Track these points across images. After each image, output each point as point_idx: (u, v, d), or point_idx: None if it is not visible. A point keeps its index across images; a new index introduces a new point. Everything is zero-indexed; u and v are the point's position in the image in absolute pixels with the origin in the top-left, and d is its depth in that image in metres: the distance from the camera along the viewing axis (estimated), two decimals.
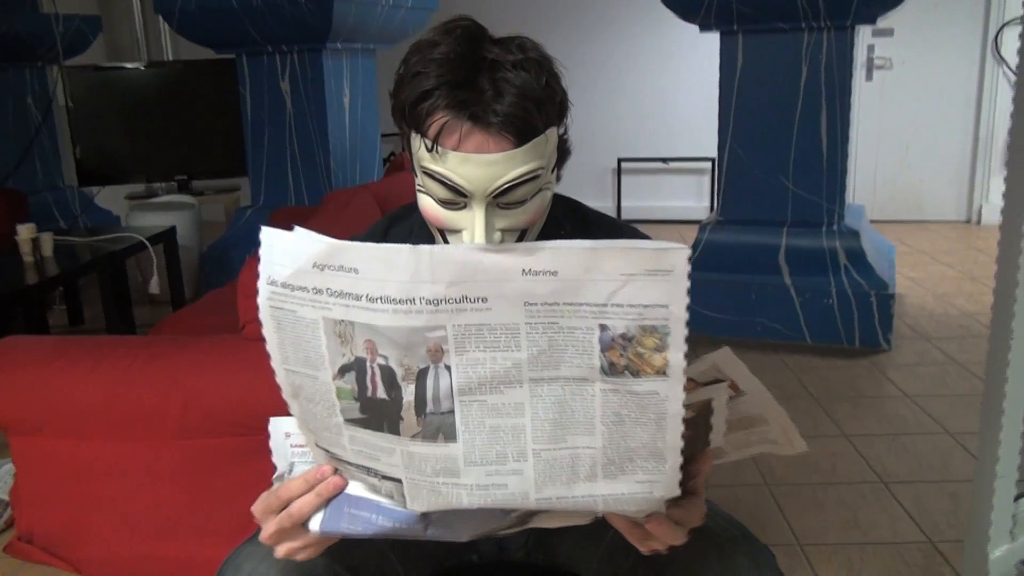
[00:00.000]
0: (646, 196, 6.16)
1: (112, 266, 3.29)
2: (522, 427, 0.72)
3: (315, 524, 0.82)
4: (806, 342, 3.44)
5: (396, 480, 0.77)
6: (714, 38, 3.62)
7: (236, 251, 4.01)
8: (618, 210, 6.10)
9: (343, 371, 0.74)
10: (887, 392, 2.96)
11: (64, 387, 1.86)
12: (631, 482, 0.73)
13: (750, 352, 3.40)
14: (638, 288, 0.67)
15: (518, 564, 1.19)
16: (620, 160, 6.08)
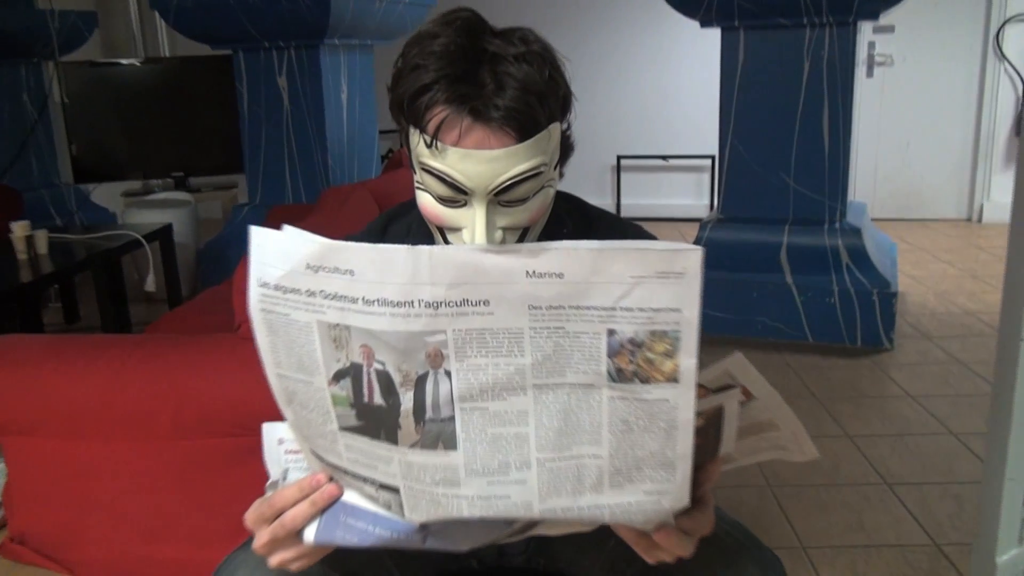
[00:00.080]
0: (645, 194, 6.13)
1: (108, 264, 3.27)
2: (525, 435, 0.70)
3: (310, 533, 0.80)
4: (807, 341, 3.41)
5: (394, 490, 0.74)
6: (714, 34, 3.60)
7: (233, 249, 3.99)
8: (617, 208, 6.07)
9: (338, 377, 0.71)
10: (890, 392, 2.93)
11: (57, 387, 1.84)
12: (639, 492, 0.70)
13: (751, 351, 3.37)
14: (648, 291, 0.64)
15: (519, 570, 1.17)
16: (619, 157, 6.05)
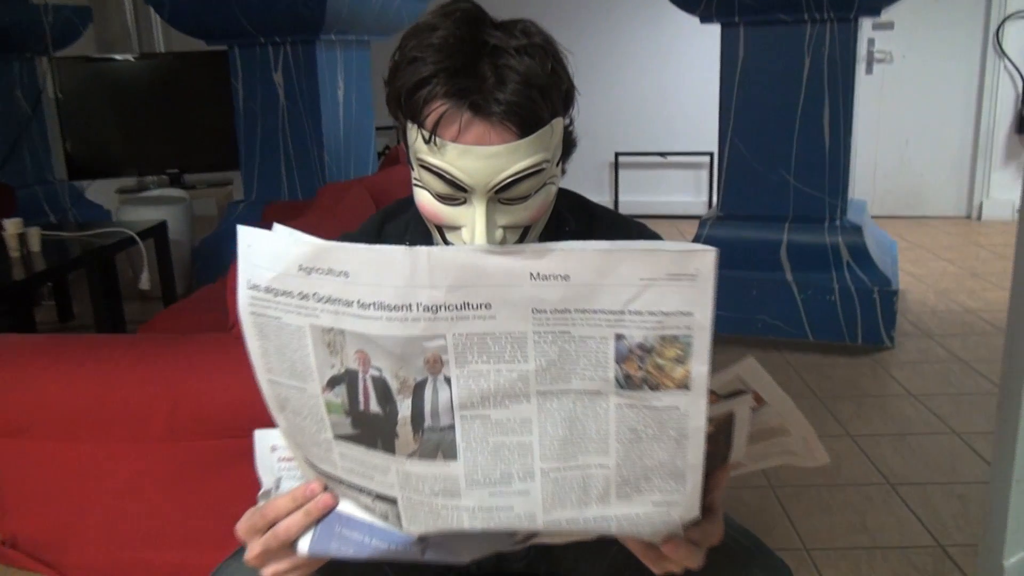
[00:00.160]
0: (643, 191, 6.10)
1: (102, 261, 3.24)
2: (529, 444, 0.67)
3: (304, 545, 0.77)
4: (808, 339, 3.39)
5: (391, 500, 0.71)
6: (713, 30, 3.57)
7: (228, 246, 3.95)
8: (615, 205, 6.04)
9: (333, 383, 0.68)
10: (891, 391, 2.91)
11: (48, 388, 1.82)
12: (647, 503, 0.67)
13: (751, 350, 3.35)
14: (659, 294, 0.61)
15: (519, 575, 1.14)
16: (617, 154, 6.02)
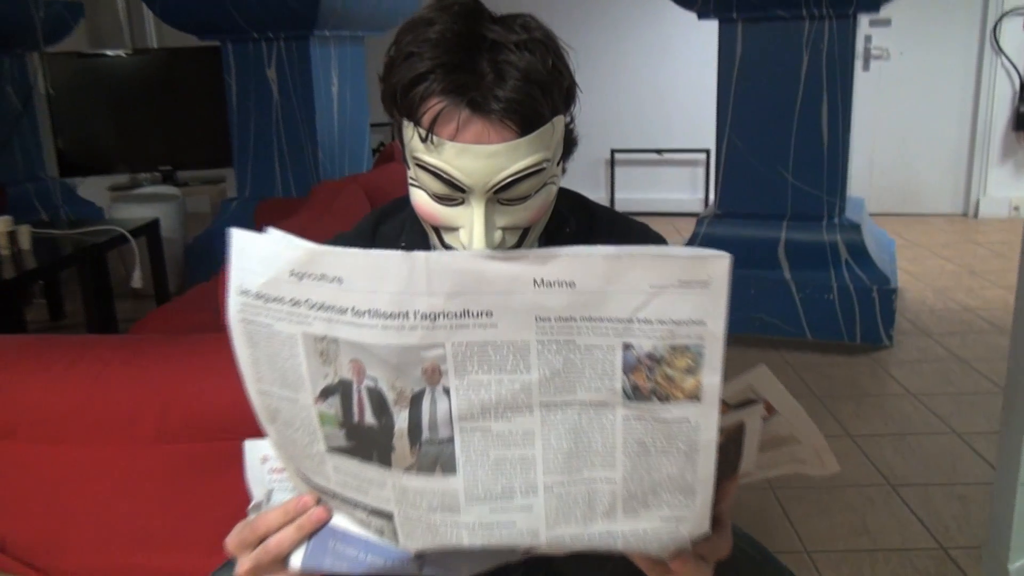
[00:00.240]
0: (640, 188, 6.07)
1: (93, 259, 3.20)
2: (532, 458, 0.64)
3: (296, 560, 0.74)
4: (806, 338, 3.36)
5: (387, 516, 0.68)
6: (710, 26, 3.54)
7: (221, 244, 3.87)
8: (611, 202, 6.01)
9: (326, 394, 0.65)
10: (890, 390, 2.89)
11: (37, 389, 1.78)
12: (655, 519, 0.65)
13: (749, 349, 3.32)
14: (669, 301, 0.58)
15: None
16: (613, 151, 5.99)
